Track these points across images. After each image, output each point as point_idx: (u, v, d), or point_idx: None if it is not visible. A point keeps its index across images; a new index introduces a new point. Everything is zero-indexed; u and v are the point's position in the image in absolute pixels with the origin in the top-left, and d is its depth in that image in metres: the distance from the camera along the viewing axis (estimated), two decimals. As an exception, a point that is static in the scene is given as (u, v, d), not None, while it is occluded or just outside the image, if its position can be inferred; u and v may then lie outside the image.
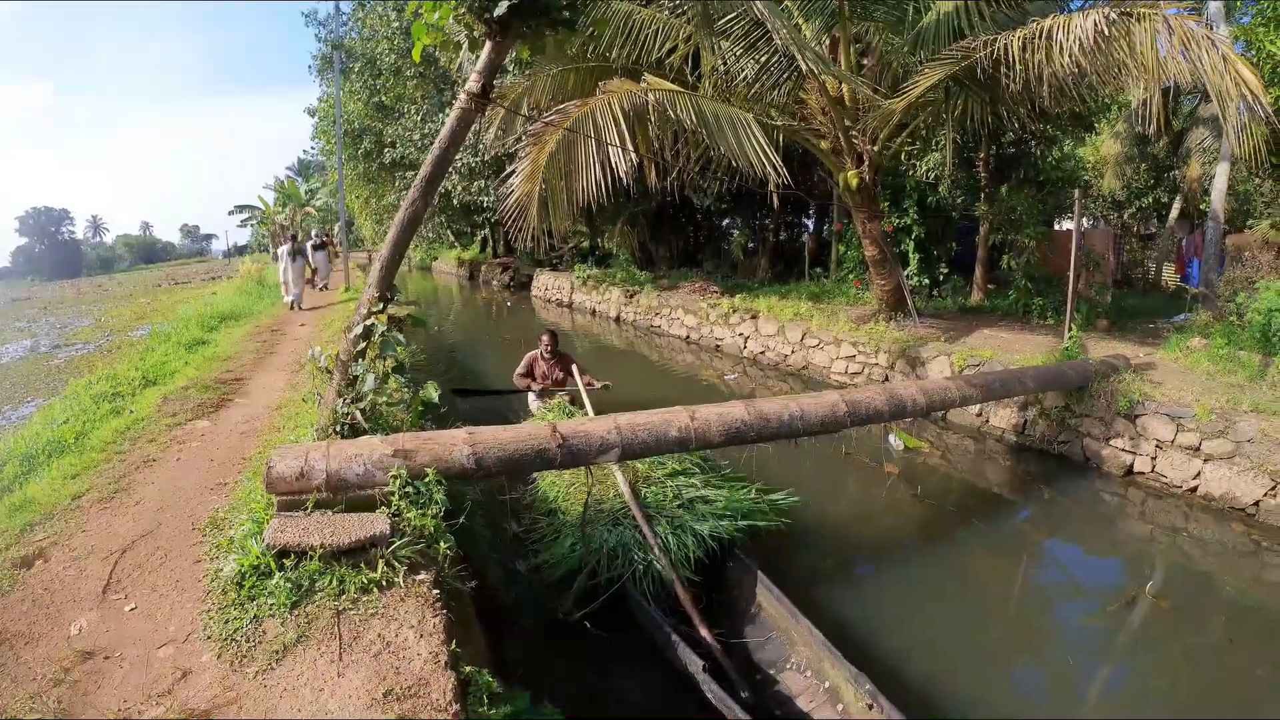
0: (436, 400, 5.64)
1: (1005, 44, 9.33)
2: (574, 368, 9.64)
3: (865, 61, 13.05)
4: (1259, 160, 13.89)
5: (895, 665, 5.20)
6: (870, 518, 8.43)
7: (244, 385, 9.19)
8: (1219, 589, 7.16)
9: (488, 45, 5.25)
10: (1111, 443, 9.31)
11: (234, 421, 7.44)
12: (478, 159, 24.26)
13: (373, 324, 5.37)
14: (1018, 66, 9.46)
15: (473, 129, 10.23)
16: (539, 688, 3.78)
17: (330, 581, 3.62)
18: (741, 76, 10.35)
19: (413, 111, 27.22)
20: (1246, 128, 13.29)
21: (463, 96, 5.35)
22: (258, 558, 3.75)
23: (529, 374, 9.97)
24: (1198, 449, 8.55)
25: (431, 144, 5.51)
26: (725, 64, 10.54)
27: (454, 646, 3.32)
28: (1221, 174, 14.74)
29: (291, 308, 17.69)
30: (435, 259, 47.28)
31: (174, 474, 5.86)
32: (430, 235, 38.27)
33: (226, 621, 3.51)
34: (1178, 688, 5.53)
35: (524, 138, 9.50)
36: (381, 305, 5.43)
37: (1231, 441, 8.31)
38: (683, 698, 4.51)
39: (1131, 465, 9.13)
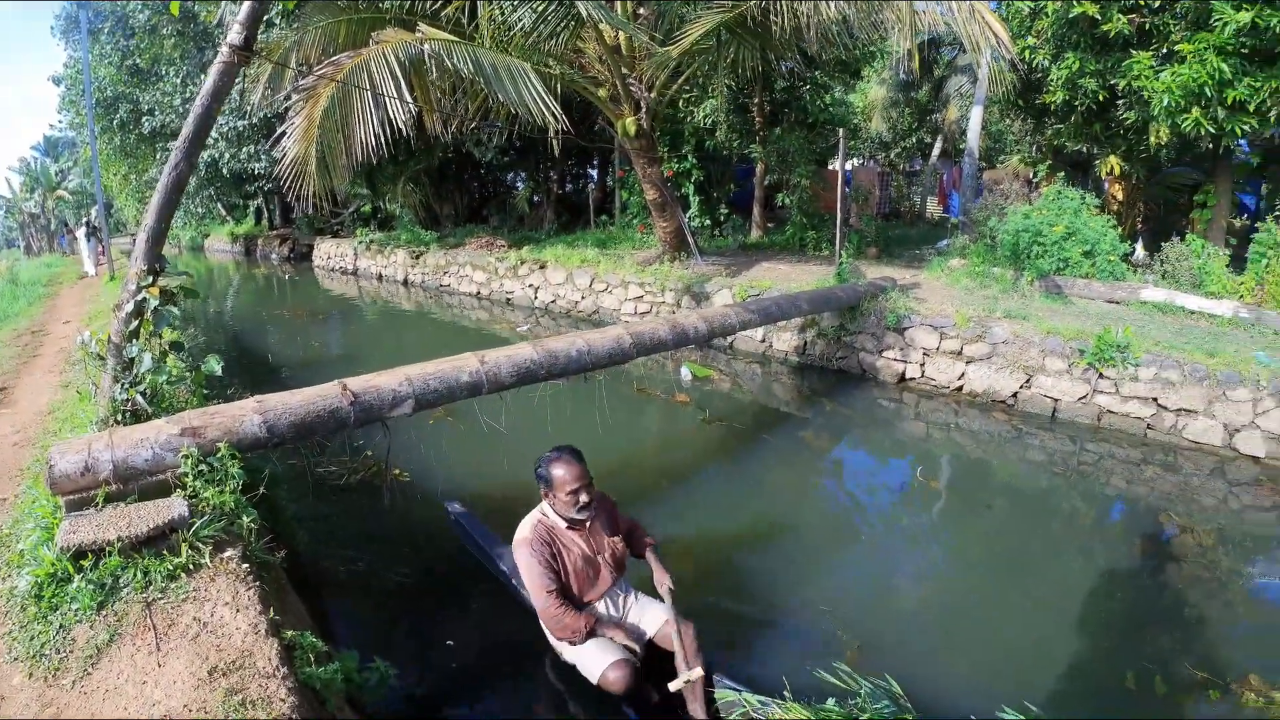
0: (219, 373, 5.33)
1: (775, -8, 9.77)
2: (646, 543, 4.36)
3: (642, 10, 13.23)
4: (1009, 102, 15.40)
5: (708, 572, 5.52)
6: (665, 446, 8.74)
7: (7, 394, 8.25)
8: (985, 469, 8.25)
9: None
10: (884, 354, 10.34)
11: (2, 434, 6.73)
12: (245, 122, 22.58)
13: (144, 299, 4.97)
14: (786, 15, 9.91)
15: (239, 90, 9.53)
16: (369, 646, 3.74)
17: (134, 574, 3.39)
18: (519, 26, 10.24)
19: (172, 74, 24.81)
20: (998, 74, 14.65)
21: (225, 49, 5.00)
22: (53, 565, 3.44)
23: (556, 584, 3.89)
24: (960, 353, 9.74)
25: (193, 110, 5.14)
26: (502, 13, 10.38)
27: (273, 615, 3.24)
28: (976, 116, 16.30)
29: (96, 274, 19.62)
30: (207, 236, 43.65)
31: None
32: (199, 210, 35.42)
33: (31, 638, 3.23)
34: (947, 547, 6.46)
35: (294, 94, 8.98)
36: (151, 278, 5.04)
37: (989, 344, 9.53)
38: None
39: (904, 373, 10.22)
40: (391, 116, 8.63)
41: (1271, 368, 8.37)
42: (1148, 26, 11.10)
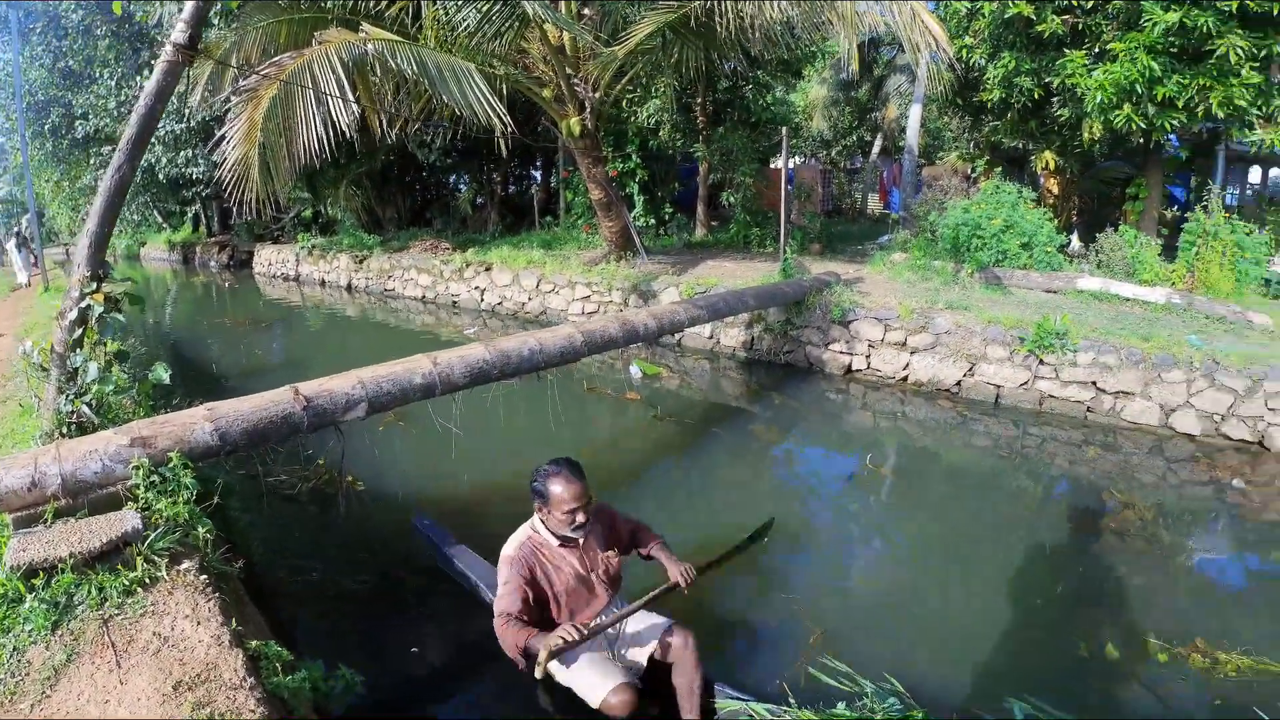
0: (167, 381, 5.22)
1: (720, -5, 9.86)
2: (652, 540, 4.21)
3: (587, 10, 13.24)
4: (947, 100, 15.77)
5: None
6: (616, 443, 8.79)
7: (-58, 411, 7.98)
8: (933, 456, 8.54)
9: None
10: (830, 347, 10.56)
11: (-60, 453, 6.49)
12: (183, 125, 21.87)
13: (89, 306, 4.86)
14: (730, 15, 10.00)
15: (177, 92, 9.32)
16: (333, 654, 3.70)
17: (89, 591, 3.30)
18: (464, 26, 10.16)
19: (106, 76, 23.74)
20: (936, 73, 14.98)
21: (169, 48, 4.90)
22: (3, 585, 3.34)
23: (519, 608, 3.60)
24: (904, 344, 10.00)
25: (129, 113, 5.04)
26: (447, 13, 10.30)
27: (235, 626, 3.19)
28: (915, 114, 16.64)
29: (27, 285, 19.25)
30: (143, 245, 42.23)
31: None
32: (135, 218, 34.29)
33: (-14, 665, 3.13)
34: (899, 533, 6.64)
35: (235, 96, 8.81)
36: (95, 284, 4.92)
37: (932, 335, 9.79)
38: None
39: (850, 365, 10.44)
40: (335, 118, 8.53)
41: (1203, 350, 8.72)
42: (1081, 27, 11.48)
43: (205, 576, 3.54)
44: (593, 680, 3.55)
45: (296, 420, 4.60)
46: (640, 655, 3.75)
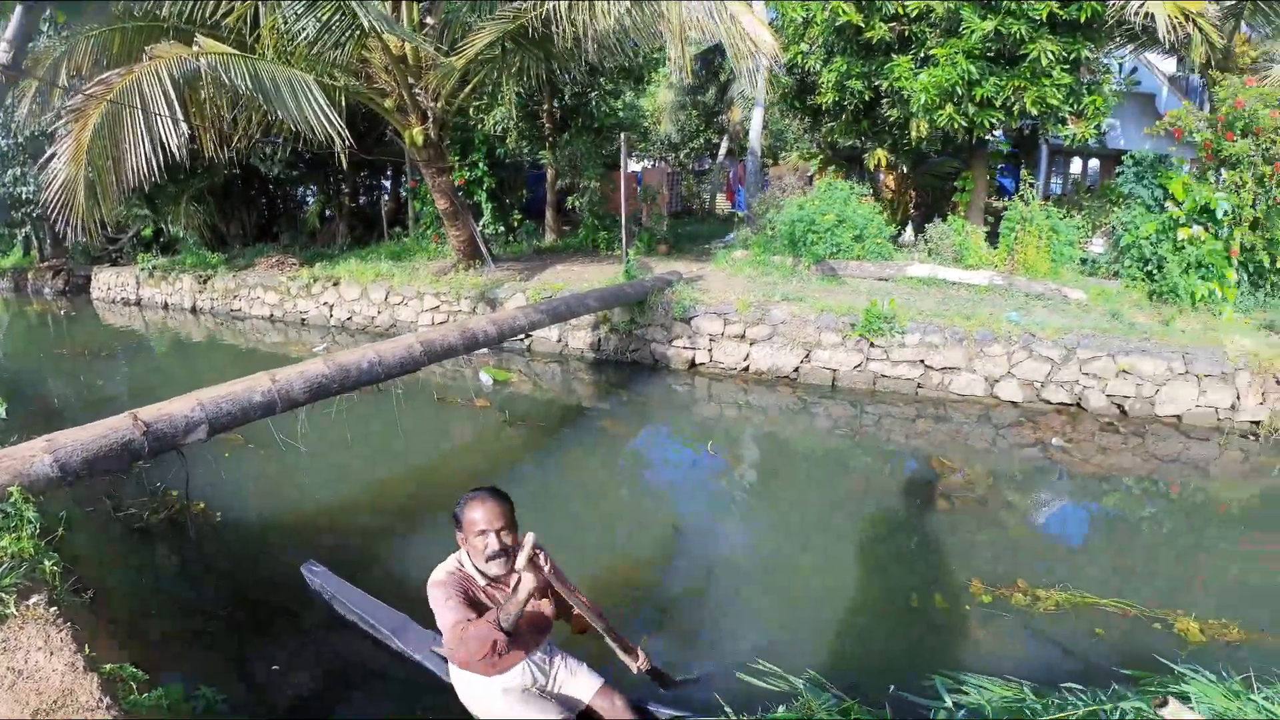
0: (4, 416, 5.11)
1: (553, 5, 10.15)
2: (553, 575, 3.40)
3: (429, 20, 13.22)
4: (787, 103, 16.53)
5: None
6: (467, 451, 8.86)
7: None
8: (777, 439, 9.18)
9: (18, 9, 4.76)
10: (674, 344, 11.06)
11: None
12: (10, 141, 20.44)
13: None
14: (566, 25, 10.26)
15: (4, 107, 8.87)
16: (193, 677, 3.76)
17: (-68, 633, 3.29)
18: (303, 36, 9.96)
19: None
20: (775, 79, 15.69)
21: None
22: None
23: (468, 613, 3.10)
24: (744, 336, 10.59)
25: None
26: (285, 22, 10.07)
27: (89, 652, 3.22)
28: (757, 116, 17.43)
29: None
30: (-32, 272, 39.00)
31: None
32: (-43, 243, 31.76)
33: None
34: (748, 514, 7.18)
35: (64, 113, 8.48)
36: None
37: (769, 326, 10.42)
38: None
39: (694, 359, 10.99)
40: (165, 138, 8.35)
41: (1021, 325, 9.68)
42: (907, 33, 12.39)
43: (56, 609, 3.53)
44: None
45: (137, 446, 4.56)
46: (575, 707, 3.52)
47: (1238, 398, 8.93)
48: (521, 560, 2.88)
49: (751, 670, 3.82)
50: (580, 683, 3.55)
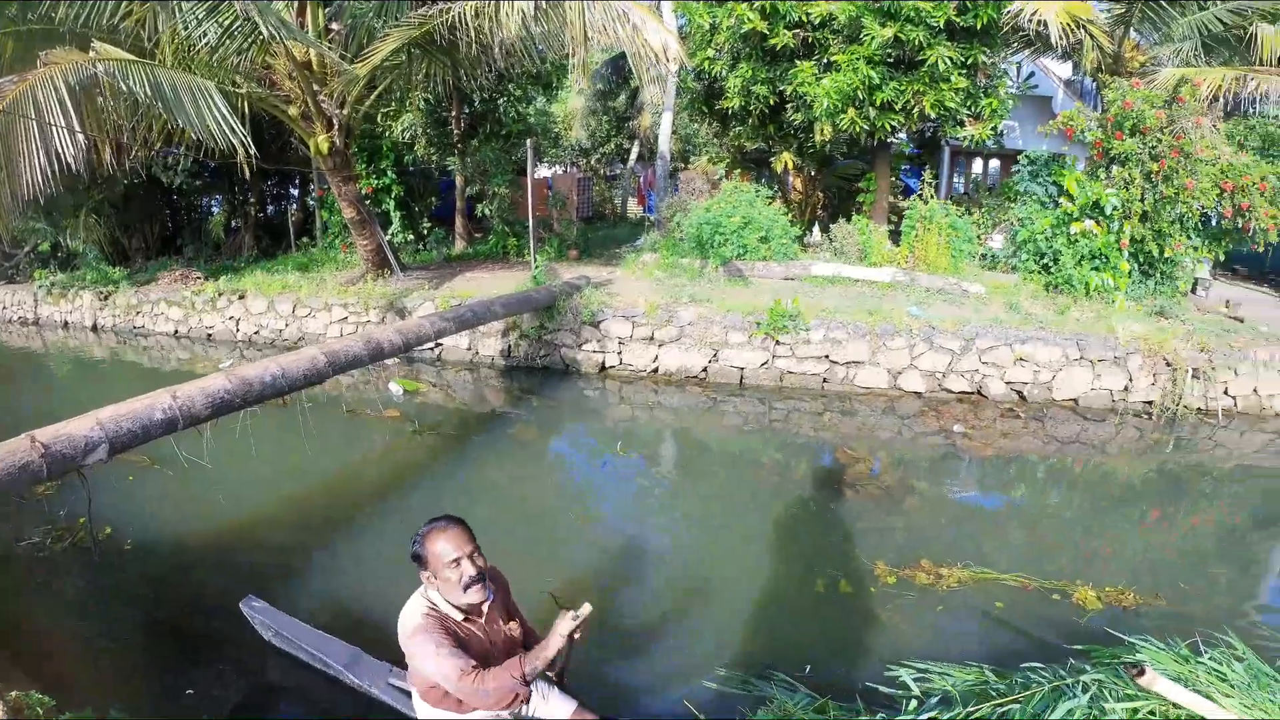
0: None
1: (459, 12, 10.17)
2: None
3: (334, 25, 13.06)
4: (695, 108, 16.83)
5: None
6: (376, 462, 8.69)
7: None
8: (687, 436, 9.40)
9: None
10: (584, 348, 11.19)
11: None
12: None
13: None
14: (472, 32, 10.30)
15: None
16: (109, 702, 3.67)
17: None
18: (204, 41, 9.72)
19: None
20: (685, 84, 15.96)
21: None
22: None
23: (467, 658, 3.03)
24: (652, 338, 10.79)
25: None
26: (186, 28, 9.80)
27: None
28: (666, 121, 17.70)
29: None
30: None
31: None
32: None
33: None
34: (660, 510, 7.28)
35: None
36: None
37: (676, 327, 10.66)
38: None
39: (604, 362, 11.14)
40: (61, 148, 8.13)
41: (923, 318, 10.11)
42: (810, 40, 12.83)
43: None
44: None
45: (36, 469, 4.39)
46: None
47: (1130, 380, 9.52)
48: (567, 625, 2.97)
49: (721, 678, 3.97)
50: (554, 707, 3.45)
